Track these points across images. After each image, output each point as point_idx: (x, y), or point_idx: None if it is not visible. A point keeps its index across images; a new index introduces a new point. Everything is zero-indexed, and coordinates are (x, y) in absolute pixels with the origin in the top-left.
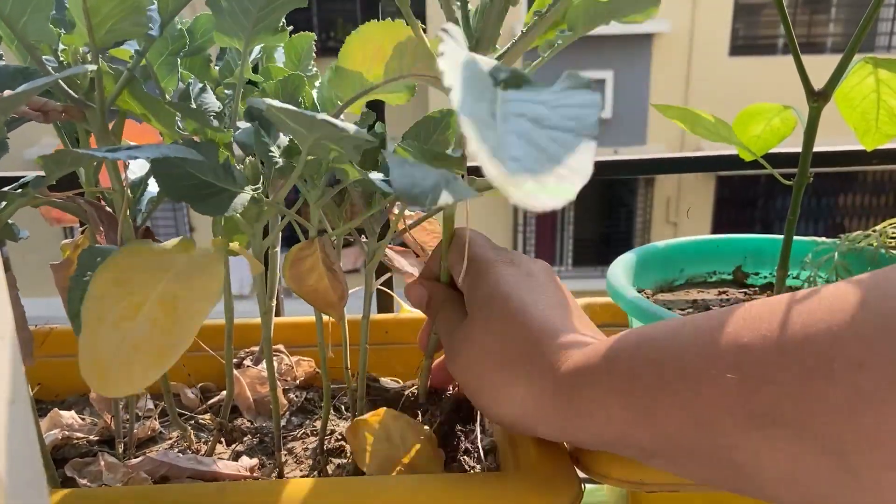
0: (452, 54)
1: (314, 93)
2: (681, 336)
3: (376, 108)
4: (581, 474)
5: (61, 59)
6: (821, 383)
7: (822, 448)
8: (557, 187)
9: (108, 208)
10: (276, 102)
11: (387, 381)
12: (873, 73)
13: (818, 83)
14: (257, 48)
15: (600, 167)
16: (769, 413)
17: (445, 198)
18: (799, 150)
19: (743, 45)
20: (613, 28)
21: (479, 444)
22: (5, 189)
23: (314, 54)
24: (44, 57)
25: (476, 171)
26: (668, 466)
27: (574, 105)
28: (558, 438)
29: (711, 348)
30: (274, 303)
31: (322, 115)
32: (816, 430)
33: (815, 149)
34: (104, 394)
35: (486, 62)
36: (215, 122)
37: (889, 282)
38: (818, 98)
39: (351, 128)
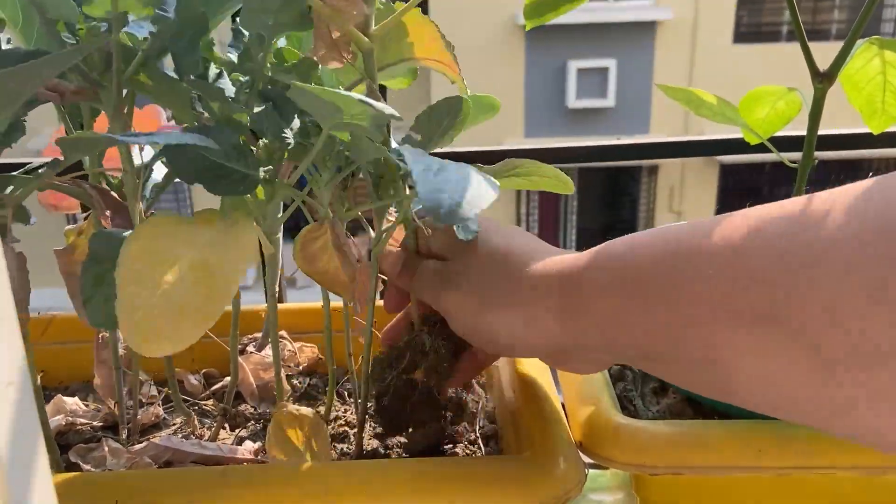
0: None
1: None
2: (678, 237)
3: (380, 90)
4: (585, 459)
5: (78, 38)
6: (808, 284)
7: (803, 347)
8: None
9: (112, 193)
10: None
11: None
12: (879, 55)
13: (823, 69)
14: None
15: (604, 151)
16: (756, 312)
17: (475, 205)
18: (804, 134)
19: (747, 32)
20: (616, 16)
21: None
22: (14, 174)
23: None
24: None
25: (480, 158)
26: (659, 368)
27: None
28: (563, 344)
29: (706, 248)
30: (277, 288)
31: (360, 97)
32: (800, 330)
33: (821, 132)
34: (149, 354)
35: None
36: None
37: (882, 194)
38: (823, 79)
39: (382, 106)
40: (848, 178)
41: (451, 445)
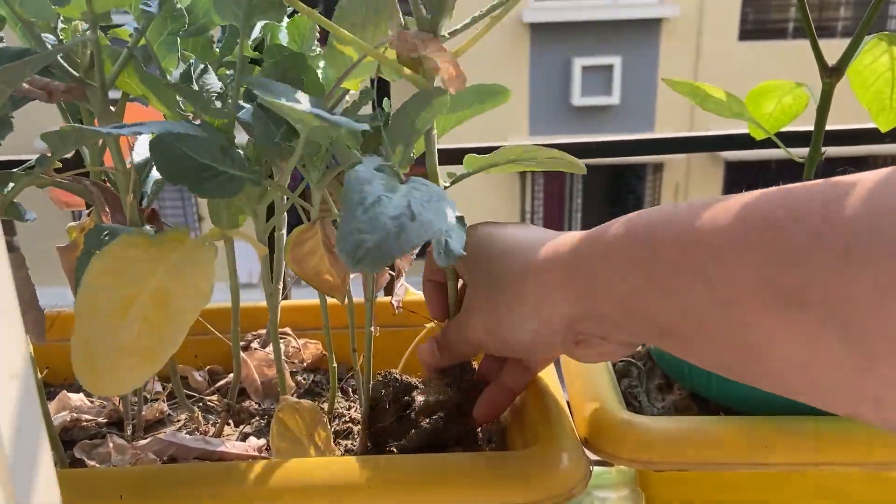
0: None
1: (319, 72)
2: (712, 213)
3: (383, 84)
4: (590, 455)
5: (61, 37)
6: (853, 268)
7: (843, 335)
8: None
9: (112, 189)
10: (276, 85)
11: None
12: (888, 52)
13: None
14: (258, 27)
15: (609, 147)
16: (795, 295)
17: (391, 254)
18: (811, 129)
19: (752, 29)
20: (621, 13)
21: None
22: (14, 171)
23: (318, 37)
24: (43, 35)
25: (481, 150)
26: (679, 346)
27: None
28: (582, 317)
29: (743, 226)
30: (280, 286)
31: (314, 109)
32: (841, 316)
33: (827, 128)
34: (94, 392)
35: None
36: (218, 104)
37: None
38: (831, 74)
39: (343, 121)
40: None
41: (454, 442)
